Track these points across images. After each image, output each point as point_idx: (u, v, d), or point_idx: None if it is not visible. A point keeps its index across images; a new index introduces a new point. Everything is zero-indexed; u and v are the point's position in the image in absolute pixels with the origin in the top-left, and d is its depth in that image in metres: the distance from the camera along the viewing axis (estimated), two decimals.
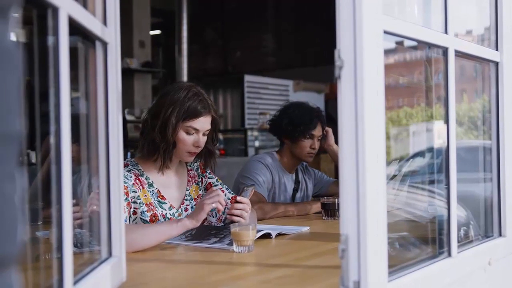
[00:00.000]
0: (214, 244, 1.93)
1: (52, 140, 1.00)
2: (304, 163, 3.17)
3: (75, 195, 1.06)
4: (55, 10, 0.99)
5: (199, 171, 2.39)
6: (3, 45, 0.55)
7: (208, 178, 2.40)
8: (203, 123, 2.20)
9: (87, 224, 1.44)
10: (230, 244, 1.87)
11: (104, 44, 1.33)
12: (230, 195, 2.36)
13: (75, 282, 1.09)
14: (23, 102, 0.61)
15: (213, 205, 1.94)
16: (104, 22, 1.34)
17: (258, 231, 2.00)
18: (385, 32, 1.23)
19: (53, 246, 1.38)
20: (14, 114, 0.57)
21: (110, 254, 1.36)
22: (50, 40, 1.01)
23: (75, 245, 1.14)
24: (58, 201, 1.00)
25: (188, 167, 2.37)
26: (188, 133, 2.17)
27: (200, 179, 2.38)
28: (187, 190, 2.31)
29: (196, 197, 2.34)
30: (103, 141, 1.35)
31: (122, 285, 1.40)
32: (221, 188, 2.38)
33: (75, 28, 1.11)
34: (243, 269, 1.68)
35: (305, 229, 2.33)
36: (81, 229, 1.44)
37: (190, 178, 2.35)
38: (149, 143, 2.17)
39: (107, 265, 1.30)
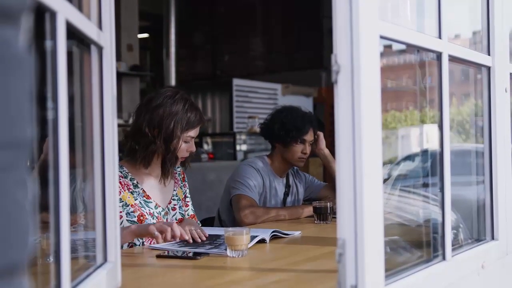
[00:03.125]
0: (211, 250, 1.93)
1: (50, 144, 0.99)
2: (295, 167, 3.17)
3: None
4: (53, 14, 0.98)
5: (181, 176, 2.48)
6: (15, 51, 0.55)
7: (187, 188, 2.50)
8: (198, 130, 2.31)
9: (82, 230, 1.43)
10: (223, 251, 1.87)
11: (100, 48, 1.32)
12: (191, 212, 2.43)
13: None
14: (34, 108, 0.61)
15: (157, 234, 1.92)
16: (100, 26, 1.33)
17: (252, 237, 2.00)
18: (381, 37, 1.24)
19: (45, 252, 1.37)
20: (26, 120, 0.56)
21: (105, 259, 1.35)
22: (48, 44, 1.00)
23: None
24: (55, 206, 0.99)
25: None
26: (185, 142, 2.27)
27: (183, 184, 2.48)
28: (174, 190, 2.40)
29: (182, 198, 2.43)
30: (98, 145, 1.34)
31: None
32: (188, 202, 2.48)
33: (71, 32, 1.10)
34: (238, 274, 1.67)
35: (297, 233, 2.33)
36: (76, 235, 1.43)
37: (176, 180, 2.43)
38: (150, 154, 2.23)
39: (103, 270, 1.30)
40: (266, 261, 1.85)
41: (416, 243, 1.72)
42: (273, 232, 2.18)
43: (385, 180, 2.18)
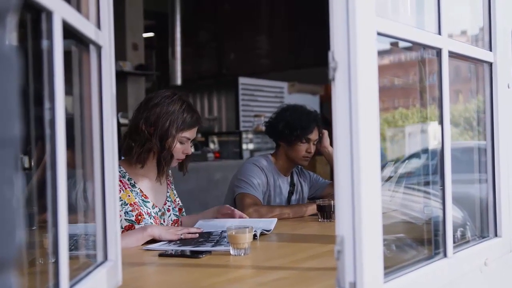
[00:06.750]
0: (213, 248, 1.92)
1: (47, 144, 1.00)
2: (299, 166, 3.17)
3: (70, 199, 1.06)
4: (49, 14, 0.99)
5: (171, 179, 2.51)
6: (1, 50, 0.55)
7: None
8: (194, 132, 2.33)
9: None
10: (228, 245, 1.86)
11: (98, 48, 1.33)
12: (174, 217, 2.42)
13: (71, 286, 1.08)
14: (21, 106, 0.61)
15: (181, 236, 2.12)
16: (98, 25, 1.33)
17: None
18: (379, 34, 1.23)
19: (45, 251, 1.38)
20: (13, 118, 0.57)
21: (105, 258, 1.35)
22: (44, 43, 1.01)
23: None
24: (53, 205, 1.00)
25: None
26: (181, 142, 2.28)
27: (173, 186, 2.50)
28: (167, 192, 2.43)
29: (173, 200, 2.45)
30: (98, 145, 1.34)
31: None
32: (169, 207, 2.44)
33: (69, 32, 1.10)
34: (239, 272, 1.67)
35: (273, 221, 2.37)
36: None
37: (169, 182, 2.46)
38: (146, 152, 2.24)
39: (103, 268, 1.30)
40: (269, 259, 1.85)
41: (418, 241, 1.71)
42: (262, 230, 2.20)
43: (390, 178, 2.18)
